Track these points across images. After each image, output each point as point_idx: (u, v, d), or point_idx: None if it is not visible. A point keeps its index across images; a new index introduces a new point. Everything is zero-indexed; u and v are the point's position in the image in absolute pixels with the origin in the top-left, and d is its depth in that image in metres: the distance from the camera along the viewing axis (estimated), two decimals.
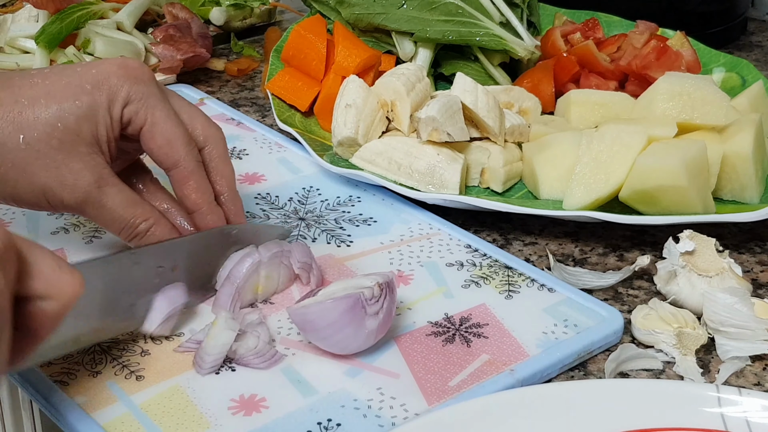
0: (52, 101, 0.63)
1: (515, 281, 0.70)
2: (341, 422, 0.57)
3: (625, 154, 0.74)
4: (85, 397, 0.58)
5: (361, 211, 0.78)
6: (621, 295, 0.70)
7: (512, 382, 0.60)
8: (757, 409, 0.52)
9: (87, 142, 0.63)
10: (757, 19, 1.26)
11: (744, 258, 0.75)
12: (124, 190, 0.65)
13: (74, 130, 0.63)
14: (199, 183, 0.66)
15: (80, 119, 0.63)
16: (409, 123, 0.81)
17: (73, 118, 0.63)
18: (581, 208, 0.75)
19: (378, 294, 0.60)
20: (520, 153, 0.83)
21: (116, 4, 1.08)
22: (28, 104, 0.63)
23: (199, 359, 0.60)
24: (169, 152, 0.65)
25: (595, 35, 0.99)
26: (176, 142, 0.65)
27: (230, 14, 1.18)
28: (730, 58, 0.97)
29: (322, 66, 0.90)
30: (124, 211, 0.64)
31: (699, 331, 0.63)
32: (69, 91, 0.63)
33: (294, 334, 0.64)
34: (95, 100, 0.64)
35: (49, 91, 0.63)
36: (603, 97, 0.87)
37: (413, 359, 0.62)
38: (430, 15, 0.93)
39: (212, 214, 0.67)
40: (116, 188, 0.64)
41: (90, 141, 0.63)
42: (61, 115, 0.63)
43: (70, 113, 0.63)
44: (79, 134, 0.63)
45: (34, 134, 0.62)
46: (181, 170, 0.66)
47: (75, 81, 0.64)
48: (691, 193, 0.72)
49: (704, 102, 0.80)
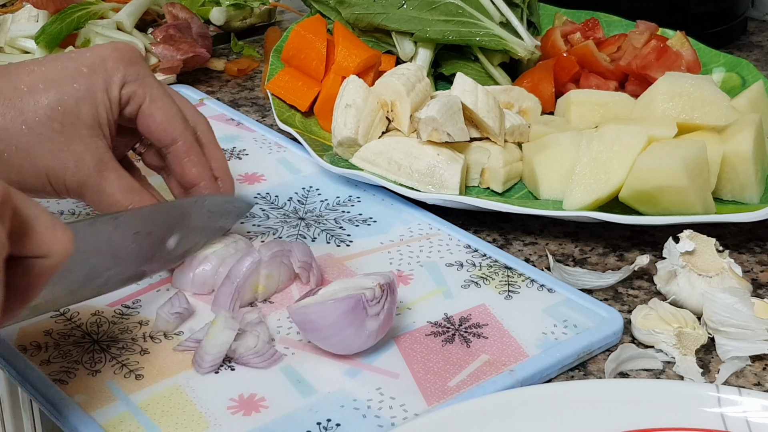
0: (50, 86, 0.63)
1: (515, 281, 0.70)
2: (341, 422, 0.57)
3: (625, 154, 0.74)
4: (84, 396, 0.58)
5: (361, 211, 0.78)
6: (621, 295, 0.70)
7: (512, 382, 0.60)
8: (757, 409, 0.52)
9: (88, 125, 0.64)
10: (757, 19, 1.26)
11: (744, 258, 0.75)
12: (123, 176, 0.65)
13: (74, 112, 0.63)
14: (198, 157, 0.68)
15: (79, 101, 0.64)
16: (409, 123, 0.81)
17: (73, 100, 0.64)
18: (581, 209, 0.75)
19: (379, 295, 0.60)
20: (520, 153, 0.83)
21: (116, 4, 1.08)
22: (28, 90, 0.63)
23: (198, 358, 0.60)
24: (168, 128, 0.66)
25: (595, 35, 0.99)
26: (175, 118, 0.66)
27: (230, 14, 1.18)
28: (730, 58, 0.97)
29: (322, 66, 0.90)
30: (122, 197, 0.64)
31: (699, 331, 0.63)
32: (66, 75, 0.64)
33: (294, 333, 0.64)
34: (93, 82, 0.64)
35: (46, 76, 0.64)
36: (603, 97, 0.87)
37: (413, 359, 0.62)
38: (430, 15, 0.93)
39: (211, 189, 0.68)
40: (116, 173, 0.65)
41: (91, 123, 0.64)
42: (61, 98, 0.63)
43: (69, 96, 0.63)
44: (80, 116, 0.64)
45: (35, 118, 0.63)
46: (180, 145, 0.67)
47: (71, 65, 0.64)
48: (691, 193, 0.72)
49: (704, 102, 0.80)
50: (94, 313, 0.65)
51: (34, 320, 0.64)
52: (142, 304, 0.66)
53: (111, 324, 0.64)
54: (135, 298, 0.67)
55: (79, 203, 0.78)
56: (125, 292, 0.67)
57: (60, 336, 0.63)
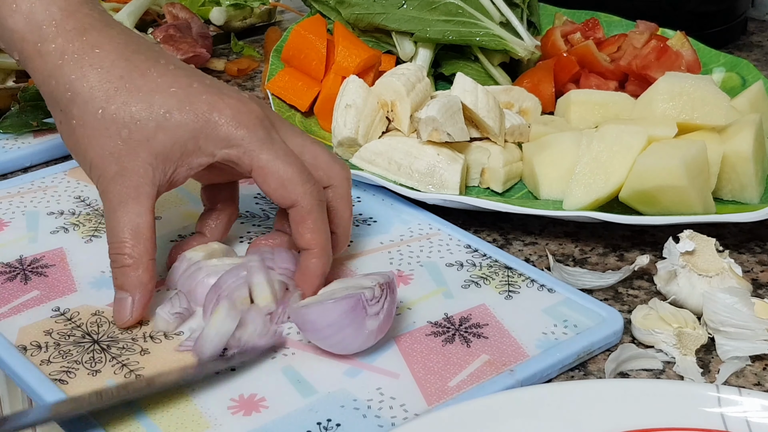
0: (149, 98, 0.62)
1: (515, 281, 0.70)
2: (341, 422, 0.57)
3: (625, 154, 0.74)
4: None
5: (361, 211, 0.78)
6: (621, 295, 0.70)
7: (512, 382, 0.60)
8: (757, 409, 0.52)
9: (151, 152, 0.62)
10: (757, 19, 1.26)
11: (744, 258, 0.75)
12: (142, 215, 0.62)
13: (147, 135, 0.62)
14: (315, 223, 0.64)
15: (159, 129, 0.62)
16: (409, 123, 0.81)
17: (154, 123, 0.62)
18: (581, 208, 0.75)
19: (379, 294, 0.60)
20: (520, 153, 0.83)
21: (116, 4, 1.08)
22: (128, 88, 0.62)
23: (199, 347, 0.60)
24: (285, 194, 0.63)
25: (595, 35, 0.99)
26: (290, 184, 0.63)
27: (230, 14, 1.18)
28: (730, 58, 0.97)
29: (322, 66, 0.90)
30: (124, 233, 0.62)
31: (699, 331, 0.63)
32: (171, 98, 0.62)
33: (294, 333, 0.64)
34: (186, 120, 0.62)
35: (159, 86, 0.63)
36: (603, 97, 0.87)
37: (413, 359, 0.62)
38: (430, 15, 0.93)
39: (320, 258, 0.64)
40: (139, 208, 0.62)
41: (156, 152, 0.62)
42: (144, 115, 0.62)
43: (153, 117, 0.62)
44: (150, 140, 0.62)
45: (113, 114, 0.62)
46: (298, 210, 0.64)
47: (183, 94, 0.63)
48: (691, 193, 0.72)
49: (704, 102, 0.80)
50: (94, 313, 0.65)
51: (34, 320, 0.64)
52: None
53: (111, 324, 0.64)
54: None
55: (79, 203, 0.78)
56: None
57: (60, 336, 0.63)
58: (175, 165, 0.63)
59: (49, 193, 0.80)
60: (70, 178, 0.82)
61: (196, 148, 0.63)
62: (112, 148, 0.62)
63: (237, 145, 0.63)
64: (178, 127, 0.62)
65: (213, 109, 0.63)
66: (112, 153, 0.62)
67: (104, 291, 0.67)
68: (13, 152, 0.87)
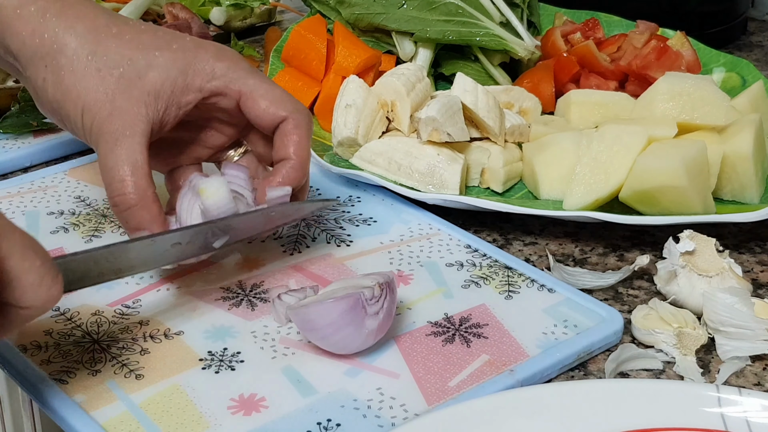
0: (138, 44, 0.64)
1: (515, 281, 0.70)
2: (341, 422, 0.57)
3: (625, 154, 0.74)
4: (84, 396, 0.58)
5: (361, 211, 0.78)
6: (621, 295, 0.70)
7: (512, 382, 0.60)
8: (757, 409, 0.52)
9: (144, 90, 0.64)
10: (757, 19, 1.26)
11: (744, 258, 0.75)
12: (139, 152, 0.63)
13: (139, 73, 0.64)
14: (301, 138, 0.67)
15: (150, 67, 0.64)
16: (409, 123, 0.81)
17: (144, 62, 0.64)
18: (581, 209, 0.75)
19: (378, 294, 0.60)
20: (520, 153, 0.83)
21: (116, 4, 1.08)
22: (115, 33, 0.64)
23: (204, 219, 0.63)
24: (276, 111, 0.66)
25: (595, 35, 0.99)
26: (280, 101, 0.66)
27: (230, 14, 1.18)
28: (730, 58, 0.98)
29: (322, 66, 0.90)
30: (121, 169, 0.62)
31: (699, 331, 0.63)
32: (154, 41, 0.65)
33: (294, 333, 0.64)
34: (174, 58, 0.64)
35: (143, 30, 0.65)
36: (603, 97, 0.87)
37: (413, 359, 0.62)
38: (430, 15, 0.93)
39: (297, 170, 0.67)
40: (134, 146, 0.63)
41: (149, 90, 0.64)
42: (135, 56, 0.64)
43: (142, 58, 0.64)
44: (142, 79, 0.64)
45: (104, 57, 0.63)
46: (287, 123, 0.66)
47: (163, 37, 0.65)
48: (691, 193, 0.72)
49: (704, 102, 0.80)
50: (94, 313, 0.65)
51: (34, 320, 0.64)
52: (142, 304, 0.66)
53: (111, 324, 0.64)
54: (135, 298, 0.67)
55: (79, 203, 0.78)
56: (125, 292, 0.67)
57: (60, 336, 0.63)
58: (166, 103, 0.65)
59: (49, 193, 0.80)
60: (70, 178, 0.82)
61: (185, 84, 0.65)
62: (105, 88, 0.63)
63: (223, 75, 0.66)
64: (168, 63, 0.64)
65: (198, 46, 0.66)
66: (106, 92, 0.63)
67: (104, 291, 0.67)
68: (13, 152, 0.87)
